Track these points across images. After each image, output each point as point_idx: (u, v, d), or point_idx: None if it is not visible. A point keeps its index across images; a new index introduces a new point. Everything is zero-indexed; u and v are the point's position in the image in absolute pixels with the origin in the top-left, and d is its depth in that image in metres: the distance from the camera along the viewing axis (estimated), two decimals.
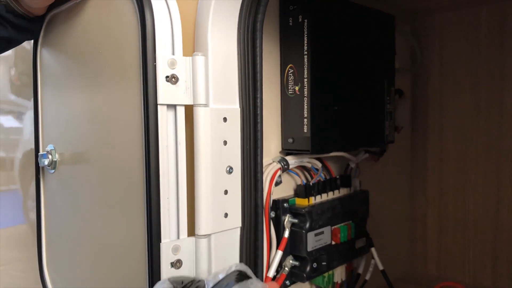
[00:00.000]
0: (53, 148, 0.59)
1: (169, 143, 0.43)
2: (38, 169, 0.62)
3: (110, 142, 0.49)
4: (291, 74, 0.58)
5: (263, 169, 0.57)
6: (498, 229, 0.80)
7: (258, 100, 0.47)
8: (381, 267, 0.69)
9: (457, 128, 0.84)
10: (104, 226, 0.51)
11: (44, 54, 0.61)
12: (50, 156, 0.58)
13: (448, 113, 0.84)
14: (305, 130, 0.57)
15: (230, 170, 0.46)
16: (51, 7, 0.56)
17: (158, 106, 0.42)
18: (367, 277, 0.70)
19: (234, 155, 0.47)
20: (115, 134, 0.48)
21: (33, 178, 0.62)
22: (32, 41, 0.61)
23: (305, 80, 0.56)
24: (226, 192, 0.46)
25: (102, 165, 0.51)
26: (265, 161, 0.58)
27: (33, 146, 0.62)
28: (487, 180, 0.80)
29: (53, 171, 0.60)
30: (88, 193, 0.54)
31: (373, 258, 0.70)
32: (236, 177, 0.47)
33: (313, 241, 0.59)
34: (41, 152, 0.59)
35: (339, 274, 0.66)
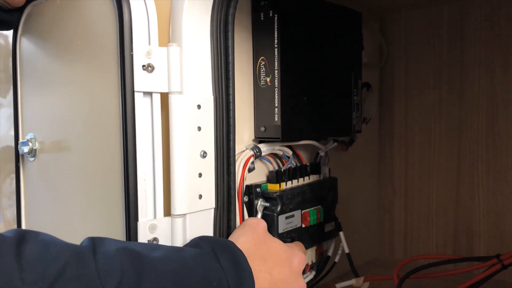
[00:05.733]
0: (33, 137, 0.61)
1: (146, 128, 0.46)
2: (18, 157, 0.64)
3: (89, 128, 0.51)
4: (262, 66, 0.61)
5: (237, 156, 0.61)
6: (458, 218, 0.85)
7: (230, 89, 0.50)
8: (347, 250, 0.73)
9: (421, 120, 0.89)
10: (84, 210, 0.53)
11: (24, 43, 0.62)
12: (30, 144, 0.60)
13: (413, 105, 0.89)
14: (276, 119, 0.61)
15: (204, 155, 0.50)
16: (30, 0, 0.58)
17: (135, 93, 0.45)
18: (336, 259, 0.74)
19: (207, 141, 0.50)
20: (94, 120, 0.50)
21: (8, 176, 0.63)
22: (12, 31, 0.62)
23: (276, 71, 0.60)
24: (200, 175, 0.49)
25: (82, 151, 0.53)
26: (239, 148, 0.61)
27: (5, 144, 0.64)
28: (449, 169, 0.86)
29: (33, 159, 0.62)
30: (68, 179, 0.56)
31: (341, 241, 0.74)
32: (210, 161, 0.50)
33: (284, 223, 0.63)
34: (21, 140, 0.61)
35: (309, 256, 0.70)
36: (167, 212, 0.48)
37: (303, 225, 0.66)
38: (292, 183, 0.66)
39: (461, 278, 0.66)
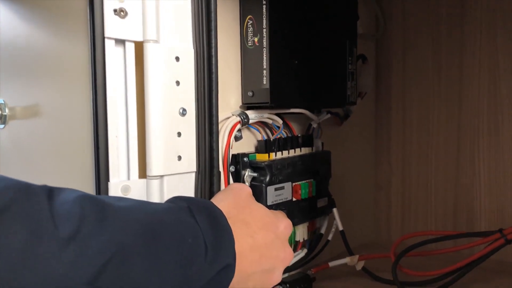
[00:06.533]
0: (3, 102, 0.57)
1: (118, 80, 0.42)
2: None
3: (59, 84, 0.47)
4: (250, 26, 0.57)
5: (222, 123, 0.56)
6: (458, 196, 0.81)
7: (213, 40, 0.46)
8: (340, 228, 0.69)
9: (419, 96, 0.85)
10: (55, 174, 0.49)
11: None
12: None
13: (411, 81, 0.85)
14: (265, 82, 0.57)
15: (183, 112, 0.45)
16: None
17: (106, 40, 0.40)
18: (330, 237, 0.70)
19: (187, 97, 0.46)
20: (63, 73, 0.46)
21: None
22: None
23: (264, 30, 0.56)
24: (179, 134, 0.45)
25: (52, 112, 0.49)
26: (225, 114, 0.57)
27: None
28: (448, 145, 0.82)
29: (3, 126, 0.57)
30: (39, 144, 0.52)
31: (334, 219, 0.70)
32: (190, 120, 0.46)
33: (273, 195, 0.59)
34: None
35: (301, 233, 0.65)
36: (143, 174, 0.44)
37: (294, 199, 0.62)
38: (282, 154, 0.62)
39: (462, 256, 0.62)
